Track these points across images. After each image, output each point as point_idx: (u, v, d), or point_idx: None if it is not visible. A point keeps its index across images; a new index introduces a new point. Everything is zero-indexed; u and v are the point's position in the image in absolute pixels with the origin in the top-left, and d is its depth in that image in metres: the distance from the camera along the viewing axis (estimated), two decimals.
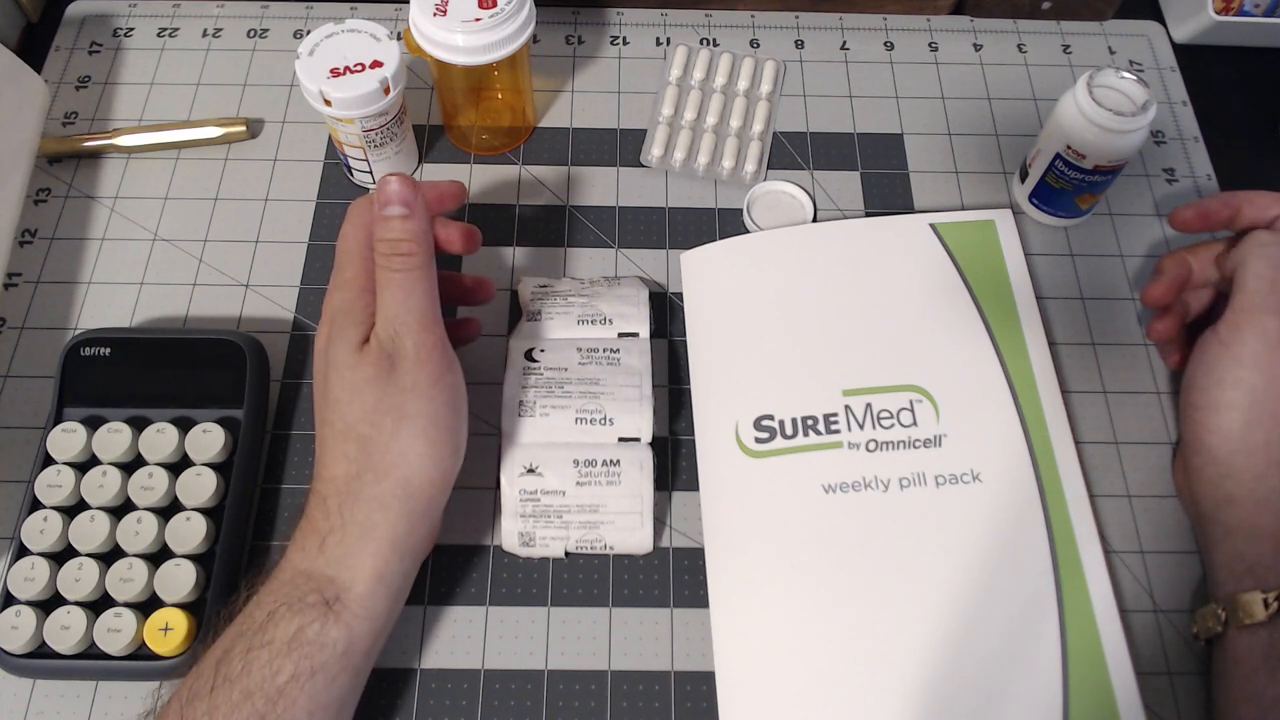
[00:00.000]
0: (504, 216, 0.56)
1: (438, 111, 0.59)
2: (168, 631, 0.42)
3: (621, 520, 0.45)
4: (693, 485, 0.49)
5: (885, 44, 0.64)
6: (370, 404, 0.38)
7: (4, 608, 0.43)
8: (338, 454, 0.39)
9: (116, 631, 0.42)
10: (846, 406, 0.49)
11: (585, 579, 0.47)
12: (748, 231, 0.56)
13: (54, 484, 0.45)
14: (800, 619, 0.45)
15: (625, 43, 0.63)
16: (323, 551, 0.38)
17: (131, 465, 0.46)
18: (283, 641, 0.36)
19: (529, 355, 0.49)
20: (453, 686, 0.44)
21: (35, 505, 0.45)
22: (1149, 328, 0.51)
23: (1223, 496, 0.45)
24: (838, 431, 0.49)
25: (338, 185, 0.57)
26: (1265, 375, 0.44)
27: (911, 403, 0.50)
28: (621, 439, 0.47)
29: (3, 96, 0.53)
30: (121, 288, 0.54)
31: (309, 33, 0.53)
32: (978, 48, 0.64)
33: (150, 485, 0.45)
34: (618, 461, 0.46)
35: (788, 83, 0.62)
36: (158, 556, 0.44)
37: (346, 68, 0.49)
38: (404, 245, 0.39)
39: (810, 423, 0.49)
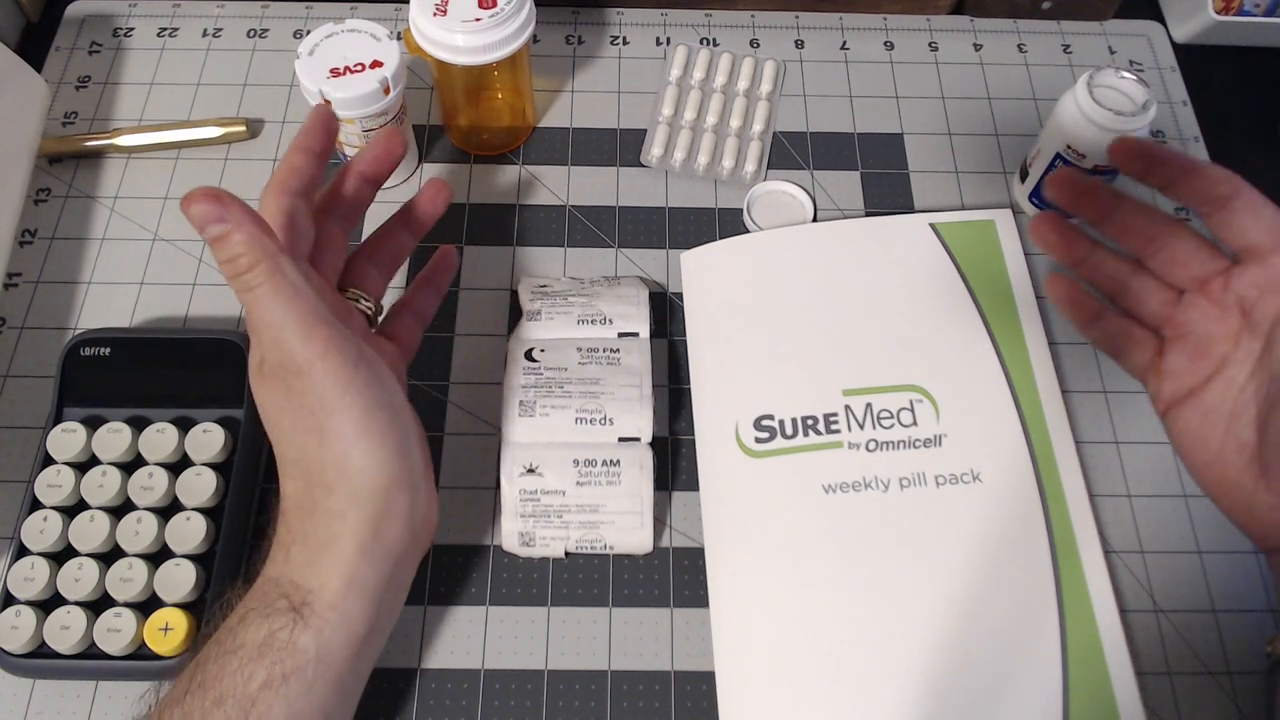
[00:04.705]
0: (504, 216, 0.56)
1: (438, 111, 0.59)
2: (168, 631, 0.42)
3: (621, 520, 0.45)
4: (693, 485, 0.49)
5: (885, 44, 0.64)
6: (287, 426, 0.37)
7: (4, 608, 0.43)
8: (286, 471, 0.38)
9: (116, 631, 0.42)
10: (846, 406, 0.49)
11: (585, 579, 0.47)
12: (748, 231, 0.56)
13: (54, 484, 0.45)
14: (800, 619, 0.45)
15: (625, 43, 0.63)
16: (288, 560, 0.37)
17: (131, 465, 0.46)
18: (254, 646, 0.36)
19: (529, 355, 0.49)
20: (453, 686, 0.44)
21: (35, 505, 0.45)
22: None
23: None
24: (838, 431, 0.49)
25: None
26: None
27: (911, 403, 0.50)
28: (621, 439, 0.47)
29: (3, 96, 0.53)
30: (121, 288, 0.54)
31: (309, 33, 0.53)
32: (978, 48, 0.64)
33: (150, 485, 0.45)
34: (618, 461, 0.46)
35: (788, 83, 0.62)
36: (158, 556, 0.44)
37: (346, 68, 0.49)
38: (241, 262, 0.35)
39: (810, 423, 0.49)
